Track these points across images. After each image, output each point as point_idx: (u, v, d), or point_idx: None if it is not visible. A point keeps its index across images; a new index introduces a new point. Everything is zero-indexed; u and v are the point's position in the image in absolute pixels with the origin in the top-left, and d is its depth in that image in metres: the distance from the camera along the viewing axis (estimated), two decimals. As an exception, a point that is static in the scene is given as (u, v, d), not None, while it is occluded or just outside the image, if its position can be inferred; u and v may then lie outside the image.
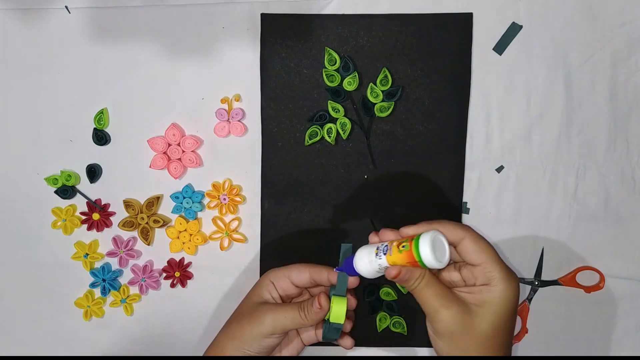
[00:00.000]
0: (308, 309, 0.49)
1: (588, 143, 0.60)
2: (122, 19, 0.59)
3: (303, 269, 0.54)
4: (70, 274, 0.63)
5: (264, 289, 0.54)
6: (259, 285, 0.55)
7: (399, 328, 0.62)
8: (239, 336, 0.51)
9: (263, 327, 0.50)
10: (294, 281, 0.54)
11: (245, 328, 0.51)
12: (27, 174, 0.62)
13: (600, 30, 0.58)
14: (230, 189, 0.61)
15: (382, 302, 0.62)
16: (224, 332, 0.54)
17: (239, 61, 0.60)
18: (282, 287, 0.54)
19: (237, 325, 0.52)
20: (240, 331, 0.51)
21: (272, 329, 0.50)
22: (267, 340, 0.51)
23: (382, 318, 0.62)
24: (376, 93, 0.59)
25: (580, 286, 0.62)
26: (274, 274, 0.54)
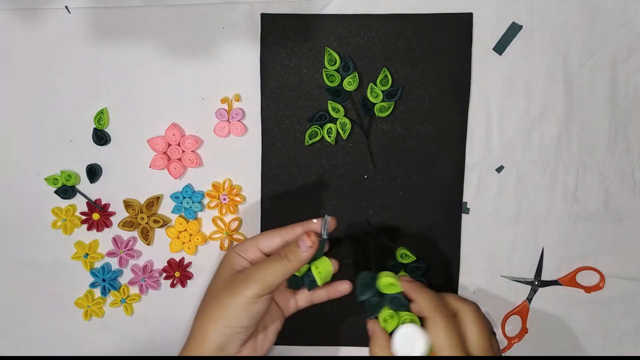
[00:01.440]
0: (293, 251, 0.46)
1: (588, 143, 0.60)
2: (122, 19, 0.59)
3: (271, 234, 0.50)
4: (70, 274, 0.63)
5: (234, 262, 0.49)
6: (226, 261, 0.50)
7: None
8: (222, 314, 0.46)
9: (249, 290, 0.45)
10: (262, 249, 0.50)
11: (227, 302, 0.46)
12: (27, 174, 0.62)
13: (600, 30, 0.58)
14: (230, 189, 0.61)
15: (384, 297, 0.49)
16: (200, 320, 0.48)
17: (239, 61, 0.60)
18: (250, 258, 0.50)
19: (216, 304, 0.46)
20: (221, 309, 0.46)
21: (260, 289, 0.45)
22: (255, 307, 0.46)
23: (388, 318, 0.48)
24: (376, 93, 0.59)
25: (580, 286, 0.62)
26: (240, 246, 0.50)
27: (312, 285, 0.49)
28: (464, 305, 0.47)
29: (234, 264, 0.49)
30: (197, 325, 0.48)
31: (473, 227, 0.61)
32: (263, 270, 0.46)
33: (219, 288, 0.48)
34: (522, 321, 0.62)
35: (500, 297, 0.63)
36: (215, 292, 0.48)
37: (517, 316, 0.62)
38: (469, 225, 0.61)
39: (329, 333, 0.63)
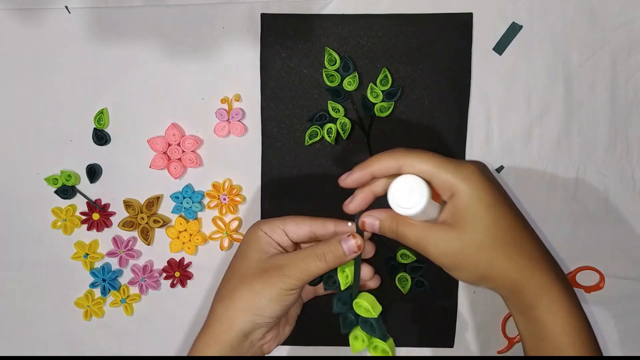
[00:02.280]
0: (333, 253, 0.43)
1: (588, 143, 0.60)
2: (122, 19, 0.59)
3: (300, 220, 0.47)
4: (70, 274, 0.63)
5: (262, 243, 0.45)
6: (254, 240, 0.46)
7: (382, 353, 0.47)
8: (254, 303, 0.43)
9: (285, 283, 0.43)
10: (289, 234, 0.47)
11: (260, 292, 0.43)
12: (27, 174, 0.62)
13: (600, 30, 0.58)
14: (230, 189, 0.61)
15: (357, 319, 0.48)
16: (228, 305, 0.44)
17: (239, 61, 0.60)
18: (277, 240, 0.47)
19: (248, 291, 0.43)
20: (254, 297, 0.43)
21: (295, 284, 0.43)
22: (288, 299, 0.44)
23: (358, 337, 0.48)
24: (376, 93, 0.59)
25: (580, 286, 0.62)
26: (267, 225, 0.46)
27: (331, 288, 0.46)
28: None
29: (263, 245, 0.46)
30: (223, 310, 0.44)
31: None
32: (299, 266, 0.43)
33: (250, 273, 0.44)
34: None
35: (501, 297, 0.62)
36: (246, 276, 0.44)
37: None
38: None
39: (329, 333, 0.63)
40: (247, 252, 0.45)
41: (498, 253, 0.39)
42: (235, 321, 0.43)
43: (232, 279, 0.46)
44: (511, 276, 0.39)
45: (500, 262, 0.39)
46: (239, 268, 0.46)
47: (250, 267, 0.44)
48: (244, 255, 0.46)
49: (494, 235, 0.39)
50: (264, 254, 0.45)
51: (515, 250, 0.39)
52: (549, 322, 0.39)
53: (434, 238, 0.40)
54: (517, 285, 0.40)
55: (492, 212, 0.39)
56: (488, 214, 0.39)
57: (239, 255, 0.47)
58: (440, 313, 0.63)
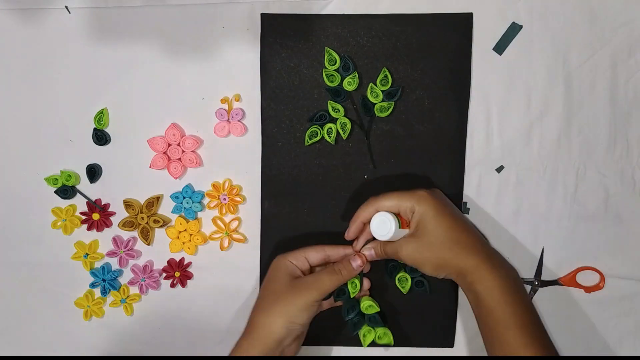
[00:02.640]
0: (346, 267, 0.56)
1: (588, 143, 0.60)
2: (122, 19, 0.60)
3: (319, 249, 0.58)
4: (70, 274, 0.63)
5: (289, 268, 0.57)
6: (281, 267, 0.57)
7: (385, 339, 0.58)
8: (288, 313, 0.54)
9: (311, 295, 0.54)
10: (309, 259, 0.58)
11: (294, 302, 0.54)
12: (27, 174, 0.62)
13: (600, 30, 0.58)
14: (230, 189, 0.61)
15: (364, 316, 0.59)
16: (265, 315, 0.54)
17: (239, 61, 0.60)
18: (301, 266, 0.58)
19: (282, 304, 0.54)
20: (288, 308, 0.54)
21: (320, 295, 0.55)
22: (313, 309, 0.55)
23: (366, 333, 0.58)
24: (376, 93, 0.59)
25: (580, 286, 0.62)
26: (292, 256, 0.57)
27: (341, 299, 0.58)
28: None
29: (289, 269, 0.57)
30: (260, 320, 0.54)
31: (473, 227, 0.61)
32: (322, 280, 0.55)
33: (282, 291, 0.55)
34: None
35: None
36: (279, 294, 0.55)
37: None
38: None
39: (329, 333, 0.63)
40: (278, 276, 0.56)
41: (443, 249, 0.53)
42: (274, 328, 0.54)
43: (269, 295, 0.56)
44: (455, 264, 0.53)
45: (446, 255, 0.53)
46: (272, 288, 0.56)
47: (282, 286, 0.55)
48: (276, 278, 0.56)
49: (438, 238, 0.53)
50: (291, 277, 0.56)
51: (455, 246, 0.53)
52: (484, 294, 0.51)
53: (403, 246, 0.54)
54: (460, 270, 0.53)
55: (436, 221, 0.53)
56: (433, 223, 0.53)
57: (271, 279, 0.57)
58: (440, 313, 0.63)
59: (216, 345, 0.64)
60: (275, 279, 0.56)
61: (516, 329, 0.50)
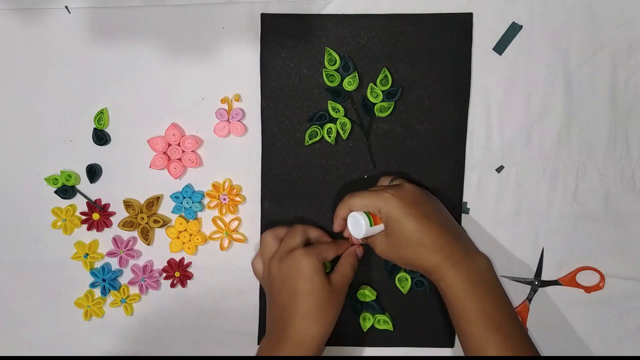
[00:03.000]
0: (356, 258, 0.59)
1: (588, 143, 0.60)
2: (122, 19, 0.60)
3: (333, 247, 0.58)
4: (70, 274, 0.63)
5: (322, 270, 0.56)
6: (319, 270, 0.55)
7: (385, 325, 0.62)
8: (333, 320, 0.55)
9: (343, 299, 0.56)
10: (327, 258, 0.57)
11: (337, 309, 0.55)
12: (27, 174, 0.62)
13: (600, 30, 0.58)
14: (230, 189, 0.61)
15: (362, 304, 0.62)
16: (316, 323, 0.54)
17: (239, 61, 0.60)
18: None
19: (329, 312, 0.55)
20: (334, 314, 0.55)
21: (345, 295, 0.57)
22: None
23: (366, 318, 0.62)
24: (376, 93, 0.59)
25: (580, 286, 0.62)
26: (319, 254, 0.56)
27: None
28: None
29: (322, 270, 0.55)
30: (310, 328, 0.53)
31: (473, 227, 0.61)
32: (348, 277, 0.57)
33: (326, 298, 0.54)
34: (522, 321, 0.62)
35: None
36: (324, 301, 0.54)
37: (517, 316, 0.63)
38: (469, 225, 0.61)
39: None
40: (314, 278, 0.54)
41: (407, 250, 0.54)
42: (323, 337, 0.54)
43: (315, 303, 0.54)
44: (419, 264, 0.54)
45: (410, 255, 0.54)
46: (317, 294, 0.54)
47: (325, 293, 0.54)
48: (312, 280, 0.54)
49: (403, 238, 0.54)
50: (326, 280, 0.55)
51: (417, 247, 0.53)
52: (446, 291, 0.53)
53: (377, 243, 0.56)
54: (425, 269, 0.54)
55: (399, 224, 0.53)
56: (398, 225, 0.54)
57: (306, 278, 0.54)
58: (440, 313, 0.63)
59: (216, 345, 0.64)
60: (315, 283, 0.54)
61: (479, 322, 0.51)
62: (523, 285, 0.62)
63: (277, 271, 0.56)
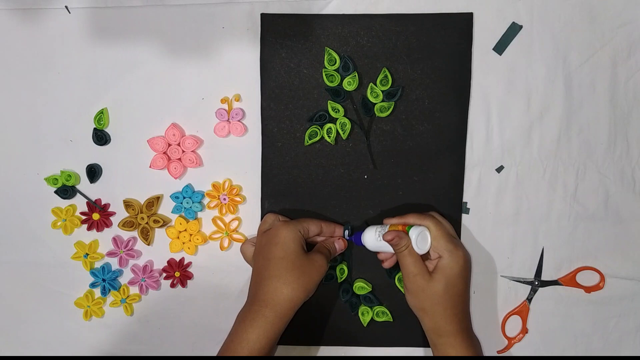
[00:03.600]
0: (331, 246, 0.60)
1: (588, 143, 0.60)
2: (122, 19, 0.60)
3: (317, 223, 0.59)
4: (70, 274, 0.63)
5: (301, 240, 0.57)
6: (296, 237, 0.57)
7: (384, 317, 0.62)
8: (308, 284, 0.56)
9: (323, 269, 0.57)
10: (310, 232, 0.59)
11: (312, 276, 0.56)
12: (27, 174, 0.62)
13: (600, 30, 0.58)
14: (230, 189, 0.61)
15: (359, 297, 0.62)
16: (287, 283, 0.55)
17: (239, 61, 0.60)
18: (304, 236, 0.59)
19: (304, 275, 0.56)
20: (309, 279, 0.56)
21: (325, 271, 0.57)
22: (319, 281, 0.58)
23: (364, 312, 0.62)
24: (376, 93, 0.59)
25: (580, 286, 0.62)
26: (300, 226, 0.58)
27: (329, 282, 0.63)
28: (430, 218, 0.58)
29: (301, 241, 0.57)
30: (279, 288, 0.55)
31: (473, 227, 0.61)
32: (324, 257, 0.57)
33: (300, 263, 0.56)
34: (522, 321, 0.62)
35: (500, 297, 0.63)
36: (298, 265, 0.56)
37: (517, 316, 0.62)
38: (469, 225, 0.61)
39: (328, 333, 0.63)
40: (291, 246, 0.56)
41: (438, 305, 0.56)
42: (295, 298, 0.55)
43: (286, 265, 0.55)
44: (437, 322, 0.57)
45: (436, 311, 0.56)
46: (289, 257, 0.56)
47: (299, 258, 0.56)
48: (290, 248, 0.56)
49: (443, 295, 0.56)
50: (303, 249, 0.57)
51: (449, 309, 0.56)
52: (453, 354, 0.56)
53: (411, 269, 0.56)
54: (439, 329, 0.57)
55: (451, 282, 0.56)
56: (449, 282, 0.56)
57: (285, 247, 0.56)
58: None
59: (216, 345, 0.64)
60: (290, 249, 0.56)
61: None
62: (523, 285, 0.62)
63: (259, 242, 0.58)
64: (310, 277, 0.56)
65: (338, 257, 0.62)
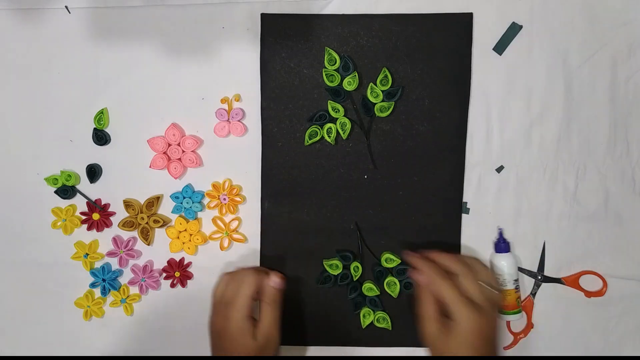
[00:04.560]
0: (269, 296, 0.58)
1: (588, 143, 0.60)
2: (122, 19, 0.60)
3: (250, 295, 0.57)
4: (70, 274, 0.63)
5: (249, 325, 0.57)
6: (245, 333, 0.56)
7: (383, 323, 0.62)
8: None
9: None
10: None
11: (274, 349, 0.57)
12: (27, 174, 0.62)
13: (600, 30, 0.58)
14: (230, 189, 0.61)
15: (365, 298, 0.62)
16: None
17: (239, 61, 0.60)
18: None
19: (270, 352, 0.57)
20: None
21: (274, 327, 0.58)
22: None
23: (366, 314, 0.62)
24: (376, 93, 0.59)
25: (582, 289, 0.62)
26: (243, 311, 0.56)
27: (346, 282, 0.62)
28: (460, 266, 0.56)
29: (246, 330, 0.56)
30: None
31: (473, 227, 0.61)
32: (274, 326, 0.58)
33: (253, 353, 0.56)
34: (527, 316, 0.62)
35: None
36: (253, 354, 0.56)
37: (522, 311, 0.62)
38: (469, 225, 0.61)
39: (327, 333, 0.63)
40: (240, 341, 0.56)
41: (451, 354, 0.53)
42: None
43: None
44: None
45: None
46: (238, 352, 0.56)
47: (250, 351, 0.56)
48: (237, 343, 0.56)
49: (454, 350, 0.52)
50: (250, 339, 0.56)
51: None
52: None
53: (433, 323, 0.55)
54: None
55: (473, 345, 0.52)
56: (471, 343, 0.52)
57: (230, 341, 0.56)
58: (440, 313, 0.63)
59: (216, 345, 0.64)
60: (240, 347, 0.55)
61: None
62: (528, 280, 0.62)
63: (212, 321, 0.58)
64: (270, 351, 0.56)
65: (350, 255, 0.61)
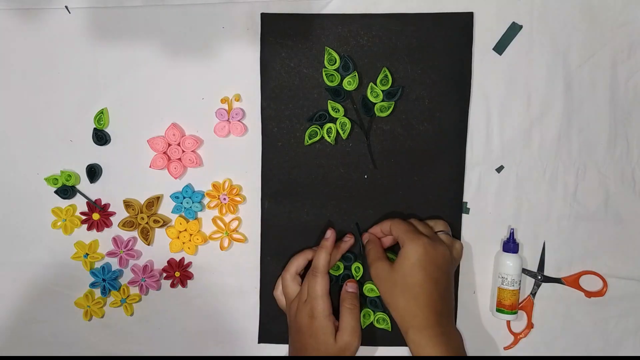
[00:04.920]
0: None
1: (588, 143, 0.60)
2: (122, 19, 0.60)
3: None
4: (70, 274, 0.63)
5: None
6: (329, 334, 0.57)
7: (383, 324, 0.62)
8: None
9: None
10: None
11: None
12: (27, 174, 0.62)
13: (600, 30, 0.58)
14: (230, 189, 0.61)
15: (366, 299, 0.62)
16: None
17: (239, 61, 0.60)
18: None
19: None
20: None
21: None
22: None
23: (366, 314, 0.62)
24: (376, 93, 0.59)
25: (582, 289, 0.62)
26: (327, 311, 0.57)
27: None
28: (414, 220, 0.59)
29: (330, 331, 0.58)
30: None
31: (473, 227, 0.61)
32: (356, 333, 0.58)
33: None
34: (527, 316, 0.62)
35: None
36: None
37: (522, 311, 0.62)
38: (469, 225, 0.61)
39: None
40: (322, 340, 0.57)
41: (398, 297, 0.55)
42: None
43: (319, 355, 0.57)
44: (405, 315, 0.55)
45: (399, 304, 0.55)
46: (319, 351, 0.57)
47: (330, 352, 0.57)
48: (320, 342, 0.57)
49: (399, 289, 0.55)
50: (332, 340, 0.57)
51: (409, 304, 0.54)
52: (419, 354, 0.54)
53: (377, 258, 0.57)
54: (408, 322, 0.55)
55: (411, 269, 0.54)
56: (409, 269, 0.54)
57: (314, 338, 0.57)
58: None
59: (216, 345, 0.64)
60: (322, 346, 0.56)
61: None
62: (527, 279, 0.62)
63: (294, 318, 0.58)
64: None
65: (351, 256, 0.61)
